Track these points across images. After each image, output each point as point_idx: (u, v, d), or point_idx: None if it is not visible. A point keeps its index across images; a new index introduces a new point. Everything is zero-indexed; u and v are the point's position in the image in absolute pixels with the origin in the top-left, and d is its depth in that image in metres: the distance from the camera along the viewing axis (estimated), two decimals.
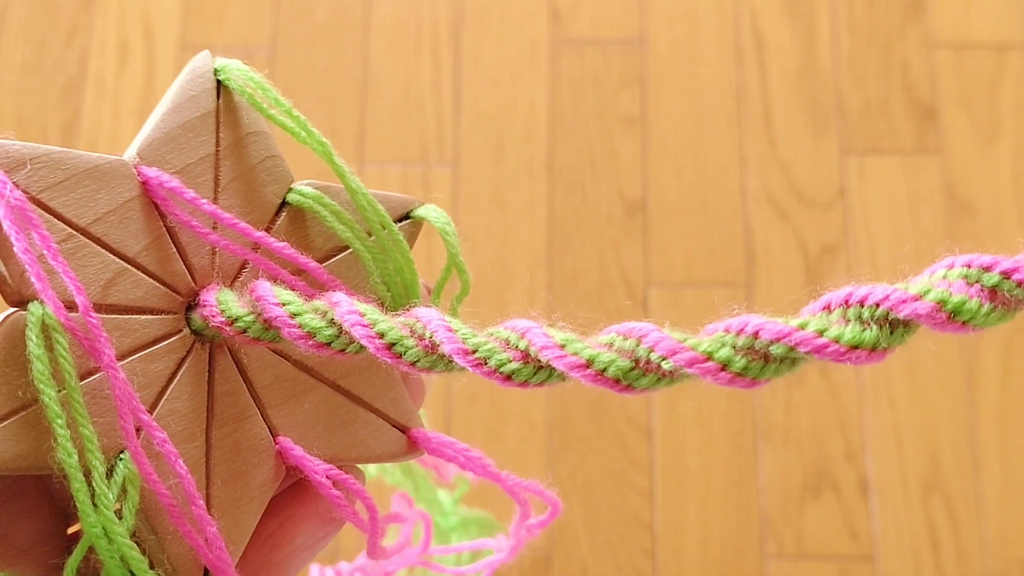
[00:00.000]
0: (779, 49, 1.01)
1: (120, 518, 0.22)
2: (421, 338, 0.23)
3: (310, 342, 0.23)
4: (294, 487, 0.26)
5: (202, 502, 0.23)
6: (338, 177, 0.27)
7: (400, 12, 1.04)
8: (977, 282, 0.19)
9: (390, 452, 0.27)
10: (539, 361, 0.21)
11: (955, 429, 0.89)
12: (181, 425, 0.24)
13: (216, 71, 0.26)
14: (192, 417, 0.24)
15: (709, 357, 0.20)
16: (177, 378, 0.24)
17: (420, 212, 0.28)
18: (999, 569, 0.86)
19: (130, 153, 0.24)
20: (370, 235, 0.27)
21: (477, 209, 0.96)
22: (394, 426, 0.27)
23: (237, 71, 0.26)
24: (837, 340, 0.19)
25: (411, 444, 0.28)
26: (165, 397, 0.24)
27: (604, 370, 0.21)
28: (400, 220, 0.28)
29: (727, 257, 0.94)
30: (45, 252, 0.22)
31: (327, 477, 0.25)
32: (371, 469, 0.40)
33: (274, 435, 0.25)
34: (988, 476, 0.88)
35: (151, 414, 0.23)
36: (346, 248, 0.27)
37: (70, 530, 0.24)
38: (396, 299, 0.27)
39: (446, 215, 0.29)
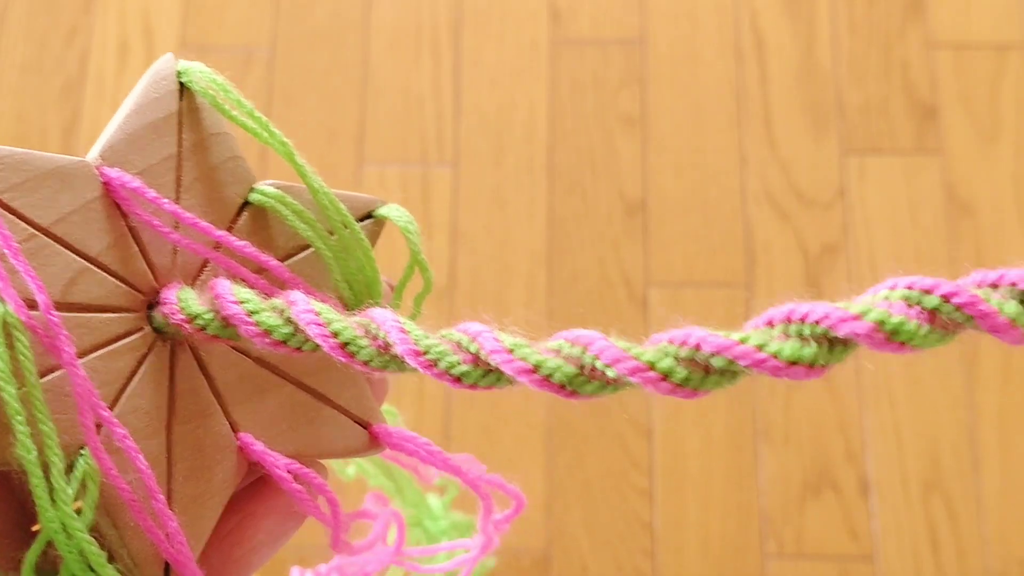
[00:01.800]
0: (779, 49, 1.01)
1: (79, 513, 0.23)
2: (375, 338, 0.23)
3: (267, 339, 0.23)
4: (255, 484, 0.26)
5: (163, 497, 0.24)
6: (300, 177, 0.27)
7: (400, 12, 1.04)
8: (917, 304, 0.20)
9: (352, 448, 0.28)
10: (488, 364, 0.22)
11: (955, 429, 0.89)
12: (142, 422, 0.24)
13: (179, 73, 0.27)
14: (153, 414, 0.24)
15: (651, 367, 0.20)
16: (138, 375, 0.24)
17: (382, 211, 0.29)
18: (999, 569, 0.86)
19: (92, 154, 0.25)
20: (332, 234, 0.27)
21: (477, 209, 0.96)
22: (356, 422, 0.28)
23: (200, 73, 0.27)
24: (776, 355, 0.20)
25: (373, 440, 0.28)
26: (126, 394, 0.24)
27: (550, 375, 0.21)
28: (362, 219, 0.28)
29: (727, 257, 0.94)
30: (6, 251, 0.22)
31: (288, 472, 0.25)
32: (350, 471, 0.40)
33: (236, 432, 0.26)
34: (988, 476, 0.88)
35: (112, 411, 0.23)
36: (308, 247, 0.27)
37: (34, 528, 0.25)
38: (358, 297, 0.28)
39: (408, 214, 0.29)
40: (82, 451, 0.23)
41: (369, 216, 0.29)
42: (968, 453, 0.89)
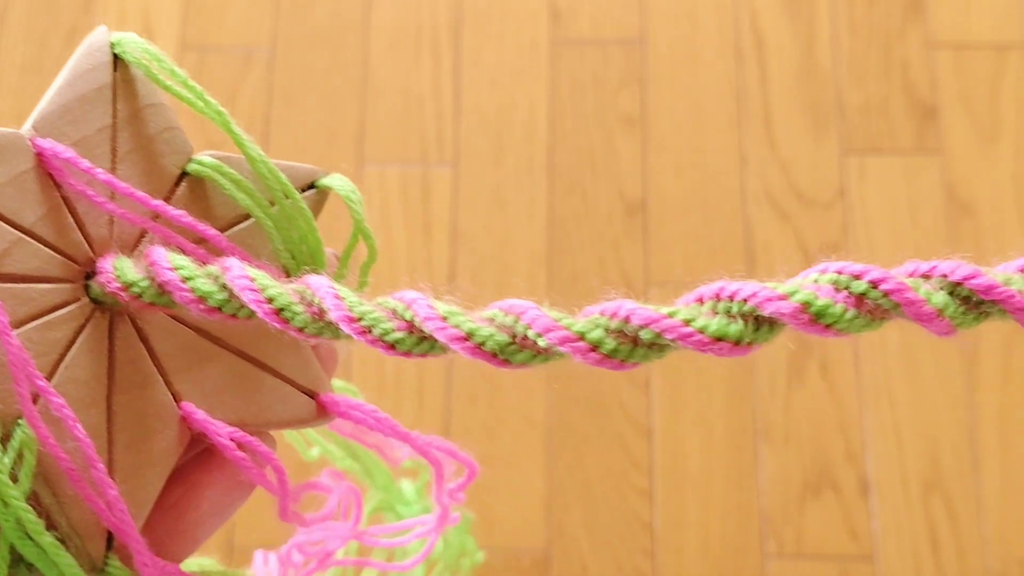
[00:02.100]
0: (779, 49, 1.01)
1: (16, 482, 0.23)
2: (309, 304, 0.23)
3: (201, 306, 0.23)
4: (202, 454, 0.26)
5: (102, 466, 0.24)
6: (237, 146, 0.27)
7: (400, 12, 1.04)
8: (846, 288, 0.20)
9: (299, 417, 0.28)
10: (422, 332, 0.22)
11: (955, 429, 0.89)
12: (81, 392, 0.24)
13: (113, 45, 0.26)
14: (92, 384, 0.24)
15: (581, 337, 0.21)
16: (76, 346, 0.24)
17: (325, 181, 0.29)
18: (999, 569, 0.86)
19: (26, 127, 0.25)
20: (273, 204, 0.27)
21: (477, 209, 0.96)
22: (302, 391, 0.28)
23: (133, 44, 0.26)
24: (702, 331, 0.20)
25: (320, 409, 0.28)
26: (64, 364, 0.24)
27: (482, 344, 0.21)
28: (305, 190, 0.28)
29: (727, 257, 0.94)
30: None
31: (232, 440, 0.25)
32: (314, 452, 0.40)
33: (178, 401, 0.26)
34: (988, 476, 0.88)
35: (49, 381, 0.23)
36: (249, 217, 0.27)
37: None
38: (301, 267, 0.28)
39: (351, 184, 0.29)
40: (19, 421, 0.23)
41: (312, 186, 0.29)
42: (968, 453, 0.89)
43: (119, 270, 0.24)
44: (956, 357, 0.91)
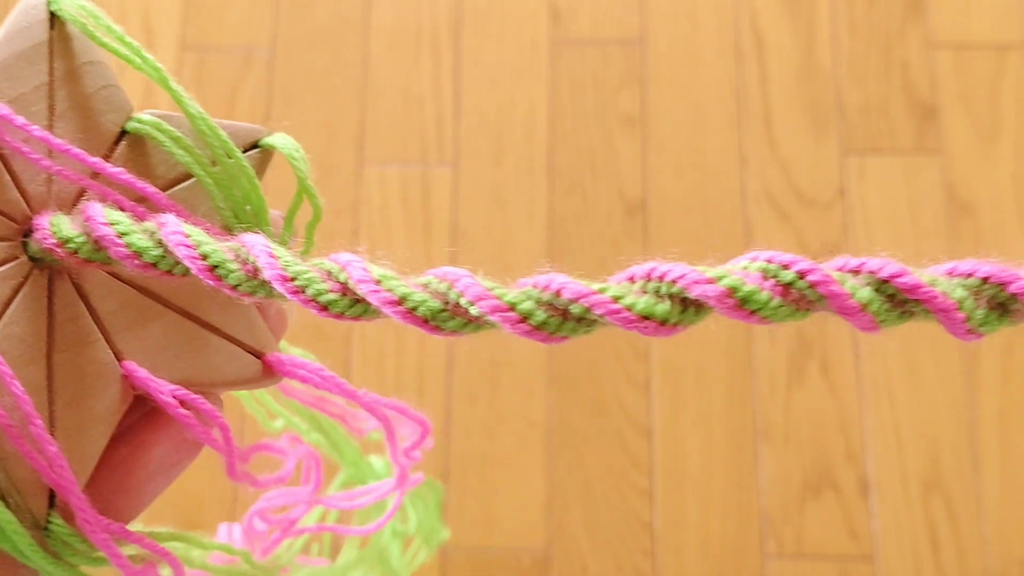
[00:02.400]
0: (779, 49, 1.01)
1: None
2: (244, 262, 0.23)
3: (136, 261, 0.23)
4: (148, 414, 0.26)
5: (40, 422, 0.23)
6: (176, 103, 0.27)
7: (400, 12, 1.04)
8: (774, 277, 0.20)
9: (245, 377, 0.28)
10: (356, 294, 0.22)
11: (955, 429, 0.89)
12: (19, 349, 0.24)
13: (49, 2, 0.26)
14: (31, 342, 0.24)
15: (512, 307, 0.21)
16: (14, 304, 0.24)
17: (268, 140, 0.28)
18: (999, 569, 0.86)
19: None
20: (215, 164, 0.27)
21: (477, 209, 0.96)
22: (248, 351, 0.28)
23: (70, 1, 0.26)
24: (630, 308, 0.21)
25: (267, 369, 0.28)
26: (2, 321, 0.24)
27: (414, 308, 0.22)
28: (249, 149, 0.28)
29: (727, 257, 0.94)
30: None
31: (175, 398, 0.25)
32: (278, 424, 0.40)
33: (120, 360, 0.26)
34: (988, 476, 0.88)
35: None
36: (190, 176, 0.27)
37: None
38: (245, 228, 0.28)
39: (295, 142, 0.29)
40: None
41: (256, 146, 0.28)
42: (968, 453, 0.89)
43: (55, 226, 0.24)
44: (956, 357, 0.91)
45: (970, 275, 0.20)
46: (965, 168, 0.96)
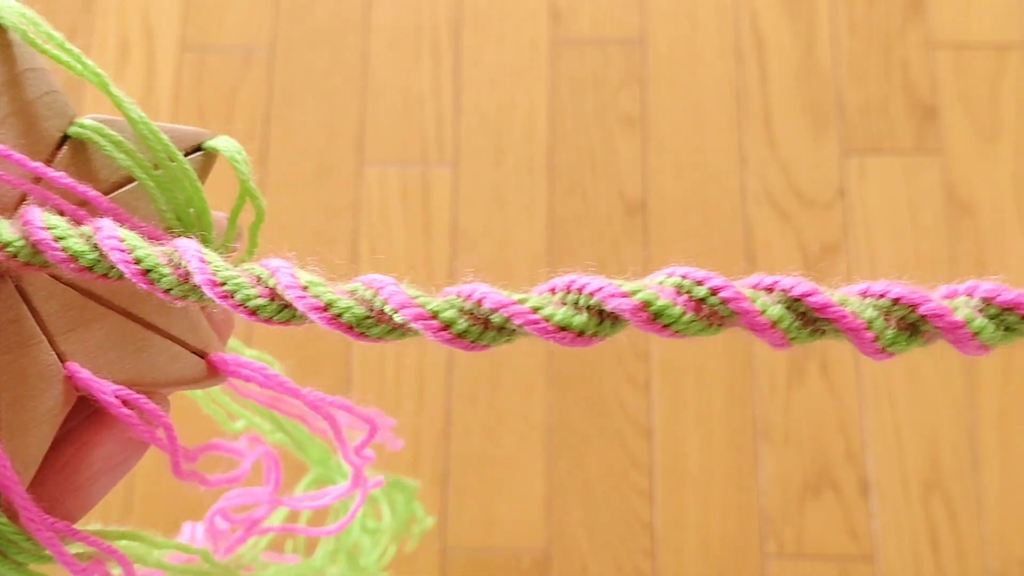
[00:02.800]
0: (779, 49, 1.01)
1: None
2: (177, 267, 0.23)
3: (73, 265, 0.24)
4: (93, 415, 0.27)
5: None
6: (117, 107, 0.27)
7: (400, 12, 1.04)
8: (687, 292, 0.21)
9: (189, 376, 0.28)
10: (283, 300, 0.23)
11: (955, 429, 0.89)
12: None
13: None
14: None
15: (434, 316, 0.22)
16: None
17: (211, 143, 0.29)
18: (999, 569, 0.86)
19: None
20: (157, 167, 0.27)
21: (477, 209, 0.96)
22: (192, 351, 0.28)
23: (9, 9, 0.26)
24: (548, 319, 0.21)
25: (211, 368, 0.28)
26: None
27: (340, 315, 0.22)
28: (192, 152, 0.29)
29: (727, 257, 0.94)
30: None
31: (117, 397, 0.26)
32: (238, 425, 0.40)
33: (63, 361, 0.26)
34: (988, 476, 0.88)
35: None
36: (133, 180, 0.27)
37: None
38: (188, 229, 0.28)
39: (237, 145, 0.29)
40: None
41: (199, 149, 0.29)
42: (968, 453, 0.89)
43: None
44: (956, 357, 0.91)
45: (882, 295, 0.21)
46: (965, 168, 0.96)
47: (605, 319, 0.21)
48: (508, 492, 0.88)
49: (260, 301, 0.23)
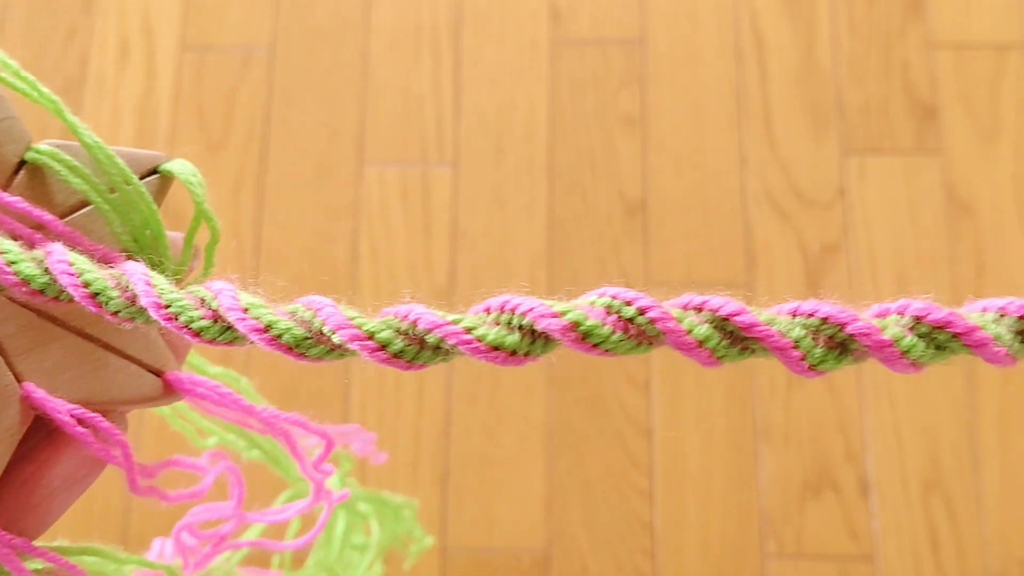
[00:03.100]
0: (779, 49, 1.01)
1: None
2: (124, 290, 0.24)
3: (24, 288, 0.24)
4: (52, 433, 0.27)
5: None
6: (72, 133, 0.28)
7: (400, 12, 1.04)
8: (617, 312, 0.22)
9: (145, 395, 0.29)
10: (226, 321, 0.23)
11: (955, 429, 0.89)
12: None
13: None
14: None
15: (371, 336, 0.22)
16: None
17: (167, 167, 0.29)
18: (999, 569, 0.86)
19: None
20: (113, 191, 0.28)
21: (477, 209, 0.96)
22: (148, 370, 0.29)
23: None
24: (481, 339, 0.22)
25: (167, 387, 0.29)
26: None
27: (279, 336, 0.23)
28: (147, 175, 0.29)
29: (727, 257, 0.94)
30: None
31: (72, 416, 0.26)
32: (210, 441, 0.41)
33: (20, 382, 0.26)
34: (988, 476, 0.88)
35: None
36: (89, 204, 0.28)
37: None
38: (145, 252, 0.29)
39: (193, 167, 0.30)
40: None
41: (155, 172, 0.29)
42: (968, 453, 0.89)
43: None
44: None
45: (811, 315, 0.21)
46: (965, 168, 0.96)
47: (537, 339, 0.22)
48: (508, 492, 0.88)
49: (204, 323, 0.23)
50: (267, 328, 0.23)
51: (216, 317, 0.23)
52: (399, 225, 0.96)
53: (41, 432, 0.27)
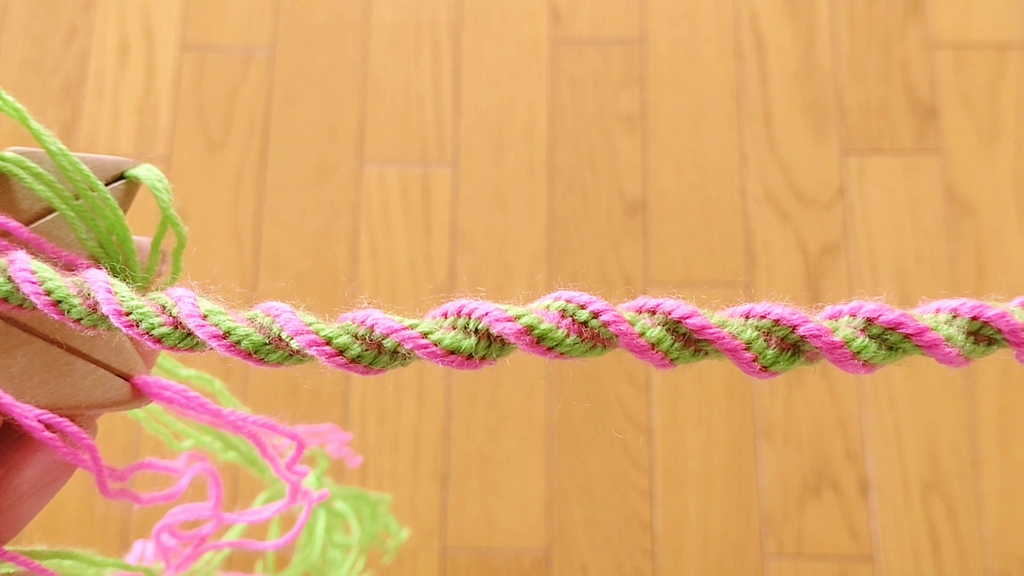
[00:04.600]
0: (779, 49, 1.01)
1: None
2: (87, 297, 0.24)
3: None
4: (20, 438, 0.28)
5: None
6: (36, 140, 0.28)
7: (400, 12, 1.04)
8: (571, 316, 0.22)
9: (113, 399, 0.29)
10: (186, 328, 0.23)
11: (955, 429, 0.89)
12: None
13: None
14: None
15: (329, 342, 0.22)
16: None
17: (133, 172, 0.30)
18: (999, 569, 0.86)
19: None
20: (78, 197, 0.28)
21: (477, 209, 0.96)
22: (116, 374, 0.29)
23: None
24: (437, 343, 0.22)
25: (135, 391, 0.29)
26: None
27: (239, 342, 0.23)
28: (114, 181, 0.29)
29: (727, 257, 0.94)
30: None
31: (39, 421, 0.26)
32: (186, 444, 0.41)
33: None
34: (988, 476, 0.88)
35: None
36: (54, 210, 0.28)
37: None
38: (111, 257, 0.29)
39: (160, 173, 0.30)
40: None
41: (121, 177, 0.29)
42: (968, 453, 0.89)
43: None
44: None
45: (763, 316, 0.22)
46: (965, 168, 0.96)
47: (493, 342, 0.22)
48: (508, 492, 0.88)
49: (164, 329, 0.23)
50: (226, 334, 0.23)
51: (176, 324, 0.23)
52: (399, 225, 0.96)
53: (10, 437, 0.27)
